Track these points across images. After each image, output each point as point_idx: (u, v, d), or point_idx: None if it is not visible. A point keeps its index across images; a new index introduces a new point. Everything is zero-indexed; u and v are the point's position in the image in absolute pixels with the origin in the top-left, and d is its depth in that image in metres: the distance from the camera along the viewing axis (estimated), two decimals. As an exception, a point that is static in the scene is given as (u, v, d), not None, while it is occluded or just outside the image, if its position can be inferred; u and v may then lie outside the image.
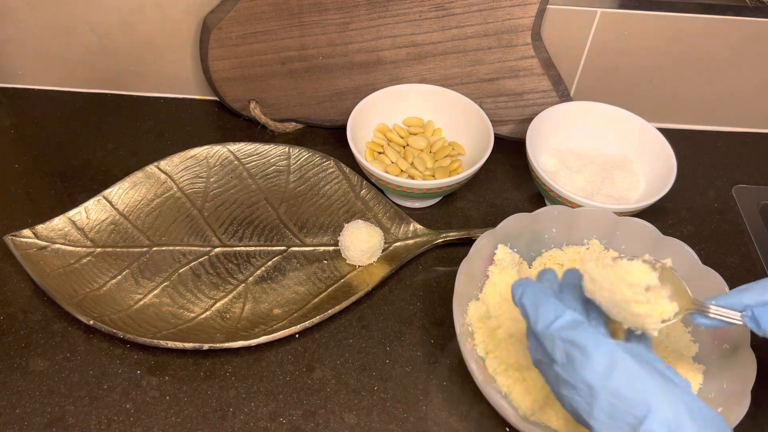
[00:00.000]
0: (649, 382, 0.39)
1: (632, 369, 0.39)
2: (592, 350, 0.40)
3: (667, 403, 0.38)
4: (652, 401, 0.38)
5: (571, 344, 0.40)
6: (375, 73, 0.75)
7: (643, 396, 0.38)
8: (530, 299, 0.44)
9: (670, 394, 0.39)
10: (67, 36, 0.76)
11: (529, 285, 0.45)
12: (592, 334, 0.41)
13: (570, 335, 0.41)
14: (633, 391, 0.38)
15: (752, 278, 0.68)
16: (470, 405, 0.57)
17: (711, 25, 0.74)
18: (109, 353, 0.59)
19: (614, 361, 0.39)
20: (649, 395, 0.38)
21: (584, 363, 0.40)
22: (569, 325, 0.41)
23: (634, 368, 0.39)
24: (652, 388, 0.38)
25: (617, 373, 0.39)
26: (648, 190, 0.71)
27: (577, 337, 0.40)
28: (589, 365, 0.39)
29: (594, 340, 0.40)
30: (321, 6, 0.70)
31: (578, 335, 0.40)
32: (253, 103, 0.77)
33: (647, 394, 0.38)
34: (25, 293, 0.62)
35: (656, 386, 0.39)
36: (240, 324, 0.60)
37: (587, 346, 0.40)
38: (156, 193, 0.69)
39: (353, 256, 0.65)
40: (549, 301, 0.43)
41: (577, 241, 0.63)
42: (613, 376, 0.39)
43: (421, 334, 0.62)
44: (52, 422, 0.54)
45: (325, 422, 0.55)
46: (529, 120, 0.72)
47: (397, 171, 0.71)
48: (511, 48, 0.73)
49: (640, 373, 0.39)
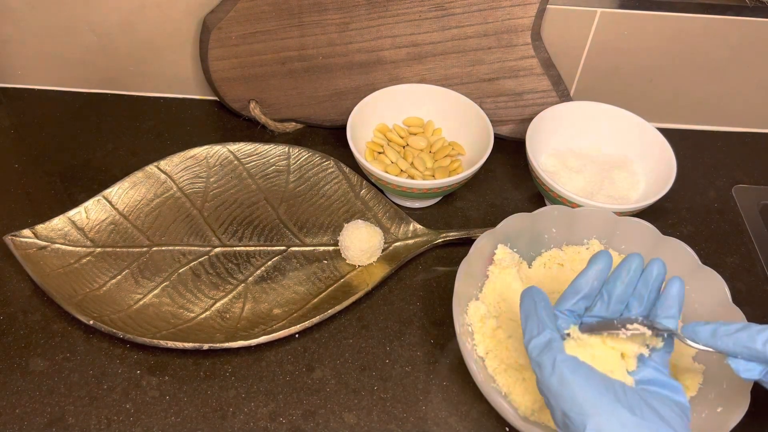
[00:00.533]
0: (591, 400, 0.42)
1: (576, 387, 0.43)
2: (548, 371, 0.44)
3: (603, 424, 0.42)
4: (588, 419, 0.42)
5: (537, 363, 0.45)
6: (375, 73, 0.75)
7: (582, 413, 0.42)
8: (524, 311, 0.48)
9: (609, 412, 0.42)
10: (67, 36, 0.76)
11: (528, 294, 0.49)
12: (554, 355, 0.45)
13: (538, 354, 0.45)
14: (575, 410, 0.42)
15: (752, 278, 0.68)
16: (470, 405, 0.57)
17: (711, 25, 0.74)
18: (109, 353, 0.59)
19: (562, 380, 0.43)
20: (587, 412, 0.42)
21: (544, 380, 0.44)
22: (540, 345, 0.46)
23: (577, 387, 0.43)
24: (592, 405, 0.42)
25: (565, 391, 0.43)
26: (648, 190, 0.71)
27: (541, 358, 0.45)
28: (546, 383, 0.44)
29: (551, 361, 0.44)
30: (321, 6, 0.70)
31: (543, 356, 0.45)
32: (253, 103, 0.77)
33: (586, 410, 0.42)
34: (25, 293, 0.62)
35: (597, 403, 0.42)
36: (240, 324, 0.60)
37: (546, 366, 0.44)
38: (156, 193, 0.69)
39: (353, 256, 0.65)
40: (534, 318, 0.47)
41: (577, 241, 0.63)
42: (563, 394, 0.43)
43: (421, 334, 0.62)
44: (52, 422, 0.54)
45: (325, 422, 0.55)
46: (529, 120, 0.72)
47: (397, 171, 0.71)
48: (511, 48, 0.73)
49: (583, 392, 0.43)
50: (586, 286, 0.50)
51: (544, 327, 0.46)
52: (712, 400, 0.53)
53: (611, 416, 0.42)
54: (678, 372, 0.56)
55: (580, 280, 0.51)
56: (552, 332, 0.46)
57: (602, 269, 0.51)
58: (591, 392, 0.43)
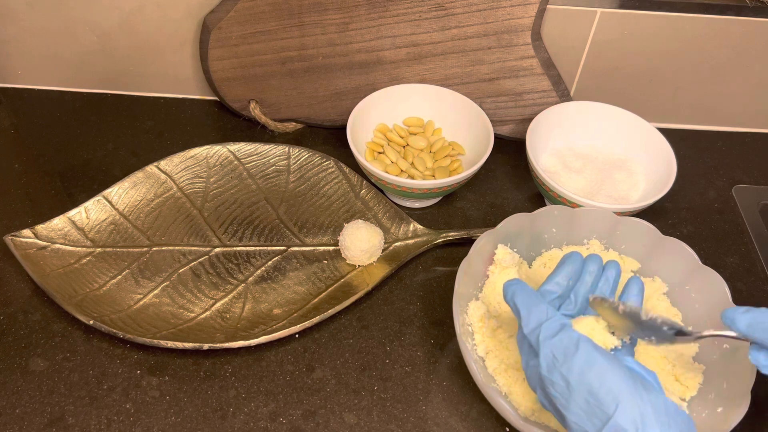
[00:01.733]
0: (620, 383, 0.42)
1: (605, 369, 0.43)
2: (572, 352, 0.44)
3: (634, 403, 0.42)
4: (621, 399, 0.42)
5: (557, 344, 0.45)
6: (375, 73, 0.75)
7: (613, 395, 0.42)
8: (523, 301, 0.48)
9: (639, 395, 0.42)
10: (67, 36, 0.76)
11: (521, 285, 0.49)
12: (573, 337, 0.45)
13: (554, 335, 0.45)
14: (604, 390, 0.42)
15: (752, 278, 0.68)
16: (470, 405, 0.57)
17: (711, 25, 0.74)
18: (109, 353, 0.59)
19: (590, 361, 0.43)
20: (619, 394, 0.42)
21: (563, 362, 0.44)
22: (555, 327, 0.46)
23: (606, 369, 0.43)
24: (621, 388, 0.42)
25: (592, 372, 0.43)
26: (648, 190, 0.71)
27: (562, 340, 0.45)
28: (567, 365, 0.44)
29: (574, 343, 0.44)
30: (321, 6, 0.70)
31: (560, 339, 0.45)
32: (253, 103, 0.77)
33: (617, 393, 0.42)
34: (25, 293, 0.62)
35: (626, 386, 0.42)
36: (240, 324, 0.60)
37: (569, 348, 0.44)
38: (156, 193, 0.69)
39: (353, 256, 0.65)
40: (539, 306, 0.47)
41: (577, 241, 0.63)
42: (589, 375, 0.43)
43: (421, 334, 0.62)
44: (52, 422, 0.54)
45: (325, 422, 0.55)
46: (529, 120, 0.72)
47: (397, 171, 0.71)
48: (511, 48, 0.73)
49: (612, 374, 0.43)
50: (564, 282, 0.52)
51: (553, 312, 0.47)
52: (712, 400, 0.53)
53: (641, 397, 0.42)
54: (678, 372, 0.56)
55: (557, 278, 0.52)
56: (562, 318, 0.46)
57: (576, 269, 0.52)
58: (621, 373, 0.43)
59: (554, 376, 0.44)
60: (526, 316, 0.47)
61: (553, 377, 0.44)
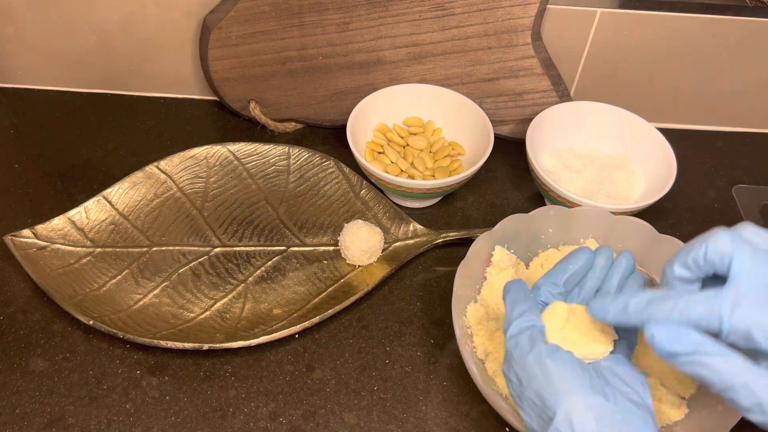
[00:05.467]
0: (566, 385, 0.43)
1: (552, 371, 0.43)
2: (526, 351, 0.45)
3: (577, 407, 0.42)
4: (562, 402, 0.42)
5: (515, 343, 0.46)
6: (375, 73, 0.75)
7: (555, 397, 0.42)
8: (511, 299, 0.49)
9: (583, 395, 0.42)
10: (67, 36, 0.76)
11: (516, 284, 0.50)
12: (532, 336, 0.45)
13: (518, 333, 0.46)
14: (550, 391, 0.43)
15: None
16: (470, 405, 0.57)
17: (711, 25, 0.74)
18: (109, 353, 0.59)
19: (540, 362, 0.44)
20: (562, 393, 0.42)
21: (518, 361, 0.45)
22: (523, 326, 0.46)
23: (554, 370, 0.43)
24: (567, 388, 0.42)
25: (540, 372, 0.44)
26: (648, 190, 0.71)
27: (520, 337, 0.46)
28: (521, 364, 0.45)
29: (530, 340, 0.45)
30: (321, 6, 0.70)
31: (522, 335, 0.46)
32: (253, 103, 0.78)
33: (561, 392, 0.42)
34: (25, 293, 0.62)
35: (572, 389, 0.42)
36: (240, 324, 0.60)
37: (524, 347, 0.45)
38: (156, 193, 0.69)
39: (353, 256, 0.65)
40: (522, 304, 0.48)
41: (574, 241, 0.63)
42: (537, 375, 0.44)
43: (421, 334, 0.62)
44: (52, 422, 0.54)
45: (325, 422, 0.55)
46: (529, 120, 0.72)
47: (397, 171, 0.71)
48: (511, 48, 0.73)
49: (560, 376, 0.43)
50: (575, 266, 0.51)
51: (531, 313, 0.47)
52: (712, 399, 0.53)
53: (584, 400, 0.42)
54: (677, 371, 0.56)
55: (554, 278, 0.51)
56: (537, 320, 0.47)
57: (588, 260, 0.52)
58: (567, 375, 0.43)
59: (510, 373, 0.46)
60: (509, 314, 0.48)
61: (510, 375, 0.46)
